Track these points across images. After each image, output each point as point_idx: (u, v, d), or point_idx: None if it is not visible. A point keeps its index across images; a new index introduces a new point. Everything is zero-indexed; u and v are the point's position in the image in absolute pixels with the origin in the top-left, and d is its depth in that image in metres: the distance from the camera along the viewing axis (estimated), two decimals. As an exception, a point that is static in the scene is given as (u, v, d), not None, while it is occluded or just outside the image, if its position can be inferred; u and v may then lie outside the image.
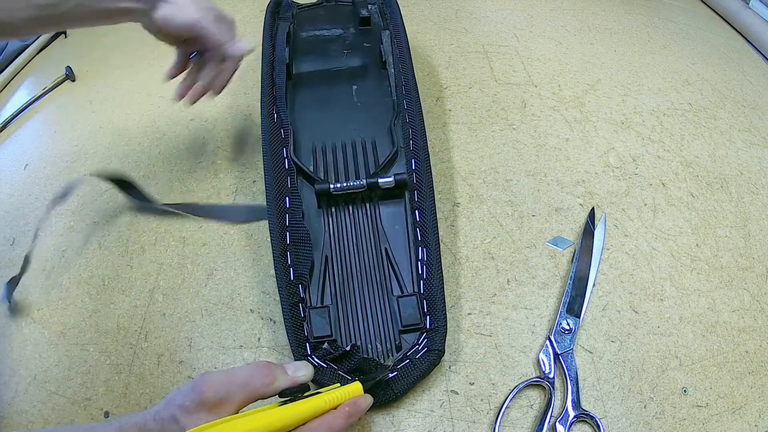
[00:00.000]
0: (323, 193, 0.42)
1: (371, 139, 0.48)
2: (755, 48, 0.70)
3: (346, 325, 0.38)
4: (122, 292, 0.43)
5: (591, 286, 0.41)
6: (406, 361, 0.36)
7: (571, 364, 0.37)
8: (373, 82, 0.52)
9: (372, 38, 0.56)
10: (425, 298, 0.39)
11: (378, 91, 0.52)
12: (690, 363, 0.38)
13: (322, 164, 0.46)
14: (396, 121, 0.48)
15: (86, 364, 0.39)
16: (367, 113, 0.50)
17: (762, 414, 0.36)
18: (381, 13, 0.59)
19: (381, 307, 0.39)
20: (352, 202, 0.44)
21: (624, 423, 0.35)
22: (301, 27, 0.55)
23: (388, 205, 0.44)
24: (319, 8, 0.59)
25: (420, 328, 0.38)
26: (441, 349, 0.36)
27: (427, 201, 0.43)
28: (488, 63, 0.62)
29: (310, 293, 0.39)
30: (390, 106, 0.50)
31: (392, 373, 0.35)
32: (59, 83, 0.64)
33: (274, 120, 0.47)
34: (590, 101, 0.58)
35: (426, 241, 0.41)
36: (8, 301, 0.43)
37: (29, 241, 0.47)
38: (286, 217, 0.42)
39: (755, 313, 0.41)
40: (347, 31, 0.56)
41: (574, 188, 0.49)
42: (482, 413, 0.35)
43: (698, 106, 0.58)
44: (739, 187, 0.50)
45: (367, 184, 0.42)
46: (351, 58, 0.54)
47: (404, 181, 0.43)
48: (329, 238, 0.42)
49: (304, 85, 0.52)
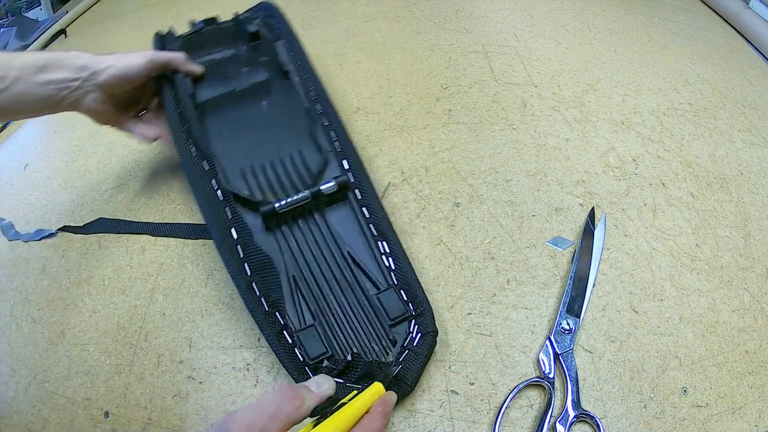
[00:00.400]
0: (270, 215, 0.41)
1: (297, 151, 0.47)
2: (755, 48, 0.70)
3: (336, 337, 0.38)
4: (122, 292, 0.43)
5: (591, 286, 0.41)
6: (406, 352, 0.36)
7: (571, 364, 0.37)
8: (280, 95, 0.51)
9: (266, 52, 0.54)
10: (402, 288, 0.39)
11: (288, 102, 0.50)
12: (690, 363, 0.38)
13: (256, 187, 0.44)
14: (315, 127, 0.47)
15: (86, 364, 0.39)
16: (285, 126, 0.49)
17: (762, 414, 0.36)
18: (268, 27, 0.57)
19: (363, 308, 0.39)
20: (300, 216, 0.43)
21: (624, 423, 0.35)
22: (192, 55, 0.52)
23: (336, 210, 0.43)
24: (202, 34, 0.56)
25: (407, 316, 0.38)
26: (434, 330, 0.37)
27: (371, 196, 0.43)
28: (488, 63, 0.62)
29: (289, 317, 0.38)
30: (304, 114, 0.49)
31: (398, 367, 0.35)
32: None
33: (193, 154, 0.44)
34: (590, 101, 0.58)
35: (383, 233, 0.41)
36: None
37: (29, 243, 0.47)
38: (238, 250, 0.40)
39: (755, 313, 0.41)
40: (239, 50, 0.54)
41: (574, 188, 0.49)
42: (482, 413, 0.35)
43: (698, 106, 0.58)
44: (739, 187, 0.50)
45: (311, 194, 0.42)
46: (251, 75, 0.52)
47: (345, 182, 0.43)
48: (290, 258, 0.41)
49: (213, 113, 0.49)
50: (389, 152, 0.52)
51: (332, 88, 0.59)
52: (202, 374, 0.38)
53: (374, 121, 0.55)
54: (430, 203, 0.48)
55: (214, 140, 0.47)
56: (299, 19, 0.71)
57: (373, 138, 0.54)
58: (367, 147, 0.53)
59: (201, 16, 0.59)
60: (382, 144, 0.53)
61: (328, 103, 0.49)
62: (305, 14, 0.72)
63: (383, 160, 0.51)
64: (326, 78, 0.61)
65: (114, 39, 0.73)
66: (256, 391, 0.37)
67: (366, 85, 0.60)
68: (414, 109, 0.57)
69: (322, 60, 0.64)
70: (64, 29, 0.77)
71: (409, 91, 0.59)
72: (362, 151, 0.52)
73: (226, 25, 0.56)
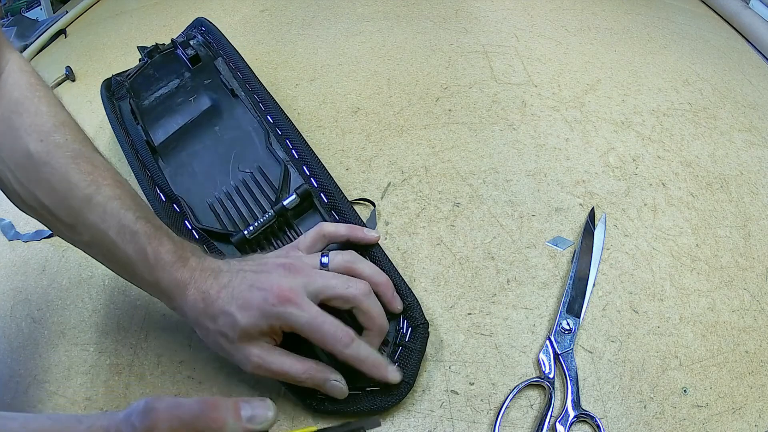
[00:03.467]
0: (241, 243, 0.41)
1: (257, 168, 0.47)
2: (755, 48, 0.70)
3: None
4: (122, 292, 0.43)
5: (591, 286, 0.41)
6: (400, 349, 0.36)
7: (571, 364, 0.37)
8: (230, 114, 0.51)
9: (209, 73, 0.54)
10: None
11: (239, 120, 0.50)
12: (690, 363, 0.38)
13: (225, 217, 0.44)
14: (270, 140, 0.48)
15: (86, 364, 0.39)
16: (241, 146, 0.48)
17: (762, 414, 0.36)
18: (207, 44, 0.57)
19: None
20: (273, 235, 0.43)
21: (624, 423, 0.35)
22: (140, 96, 0.52)
23: (305, 221, 0.44)
24: (148, 68, 0.55)
25: (395, 314, 0.38)
26: (424, 322, 0.37)
27: (338, 197, 0.43)
28: (488, 63, 0.62)
29: None
30: (258, 128, 0.49)
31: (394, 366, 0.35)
32: (59, 83, 0.64)
33: (162, 200, 0.44)
34: (590, 101, 0.58)
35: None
36: None
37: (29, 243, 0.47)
38: None
39: (755, 313, 0.41)
40: (183, 78, 0.54)
41: (574, 188, 0.49)
42: (482, 413, 0.35)
43: (698, 106, 0.58)
44: (739, 187, 0.50)
45: (275, 212, 0.42)
46: (199, 102, 0.52)
47: (306, 191, 0.43)
48: None
49: (170, 153, 0.49)
50: (389, 152, 0.52)
51: (332, 88, 0.60)
52: (202, 374, 0.38)
53: (374, 121, 0.55)
54: (430, 203, 0.48)
55: (178, 180, 0.47)
56: (299, 19, 0.71)
57: (373, 138, 0.54)
58: (367, 147, 0.53)
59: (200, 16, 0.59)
60: (382, 144, 0.53)
61: (278, 111, 0.50)
62: (305, 14, 0.72)
63: (383, 160, 0.51)
64: (326, 78, 0.61)
65: (114, 39, 0.73)
66: (255, 391, 0.37)
67: (366, 85, 0.60)
68: (414, 109, 0.57)
69: (322, 60, 0.64)
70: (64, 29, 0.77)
71: (409, 91, 0.59)
72: (362, 151, 0.52)
73: (169, 53, 0.55)
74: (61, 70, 0.65)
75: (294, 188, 0.43)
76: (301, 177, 0.45)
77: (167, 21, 0.75)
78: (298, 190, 0.43)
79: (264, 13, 0.73)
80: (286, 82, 0.60)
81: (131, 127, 0.49)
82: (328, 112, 0.56)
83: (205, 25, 0.58)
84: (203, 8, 0.76)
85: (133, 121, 0.50)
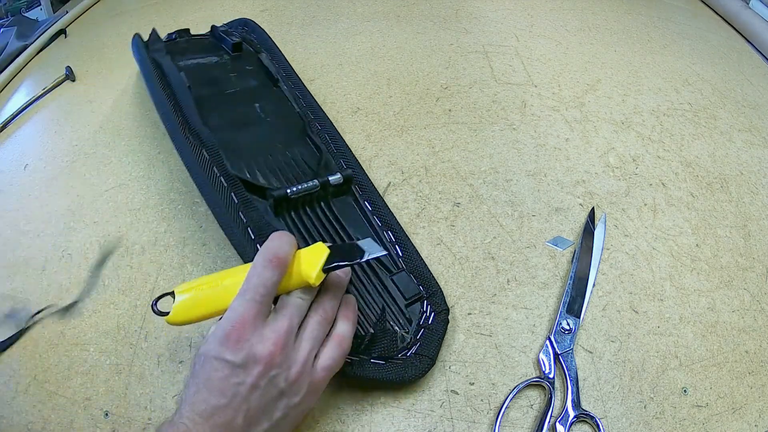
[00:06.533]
0: (281, 200, 0.42)
1: (296, 150, 0.48)
2: (755, 48, 0.70)
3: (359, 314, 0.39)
4: (122, 292, 0.43)
5: (591, 286, 0.41)
6: (423, 330, 0.38)
7: (571, 364, 0.37)
8: (272, 99, 0.52)
9: (249, 62, 0.55)
10: (412, 272, 0.41)
11: (280, 106, 0.51)
12: (690, 363, 0.38)
13: (261, 177, 0.44)
14: (310, 130, 0.49)
15: (86, 364, 0.39)
16: (280, 128, 0.49)
17: (762, 414, 0.36)
18: (248, 41, 0.58)
19: (378, 289, 0.40)
20: (309, 203, 0.44)
21: (624, 423, 0.35)
22: (176, 59, 0.52)
23: (340, 201, 0.44)
24: (181, 41, 0.56)
25: (421, 296, 0.39)
26: (446, 308, 0.39)
27: (372, 192, 0.45)
28: (488, 63, 0.62)
29: None
30: (297, 118, 0.50)
31: (416, 345, 0.37)
32: (59, 83, 0.64)
33: (191, 142, 0.44)
34: (590, 101, 0.58)
35: (388, 224, 0.43)
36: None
37: (29, 243, 0.47)
38: (249, 232, 0.39)
39: (755, 313, 0.41)
40: (222, 59, 0.55)
41: (574, 188, 0.49)
42: (482, 413, 0.35)
43: (698, 106, 0.58)
44: (739, 187, 0.50)
45: (320, 183, 0.43)
46: (240, 80, 0.53)
47: (350, 176, 0.44)
48: (301, 243, 0.41)
49: (209, 108, 0.49)
50: (389, 152, 0.52)
51: (332, 88, 0.60)
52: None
53: (374, 121, 0.55)
54: (430, 203, 0.48)
55: (214, 132, 0.46)
56: (299, 19, 0.71)
57: (373, 138, 0.54)
58: (367, 147, 0.53)
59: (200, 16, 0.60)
60: (382, 144, 0.53)
61: (319, 109, 0.51)
62: (305, 14, 0.72)
63: (383, 160, 0.51)
64: (326, 78, 0.61)
65: (114, 39, 0.73)
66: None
67: (366, 85, 0.60)
68: (414, 109, 0.57)
69: (322, 60, 0.64)
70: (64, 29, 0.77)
71: (409, 91, 0.59)
72: (362, 151, 0.52)
73: (203, 37, 0.57)
74: (61, 70, 0.64)
75: (337, 170, 0.44)
76: (338, 167, 0.46)
77: (167, 21, 0.75)
78: (343, 172, 0.44)
79: (264, 13, 0.73)
80: (286, 82, 0.60)
81: (172, 73, 0.48)
82: (328, 112, 0.56)
83: (249, 24, 0.59)
84: (203, 8, 0.76)
85: (175, 69, 0.50)
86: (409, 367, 0.36)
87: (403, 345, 0.37)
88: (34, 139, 0.58)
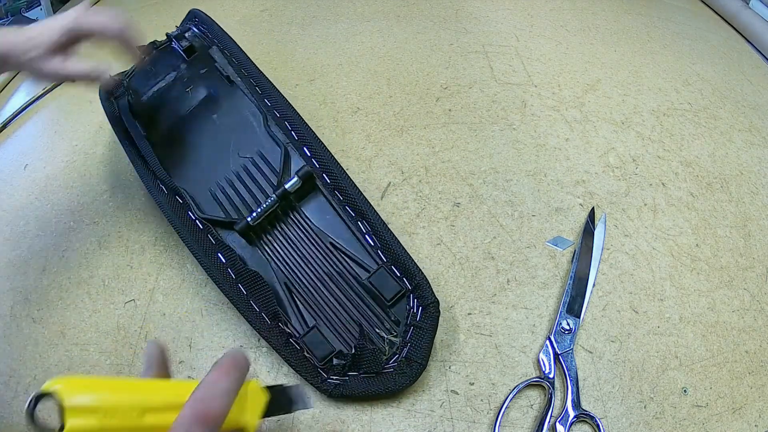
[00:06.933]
0: (245, 230, 0.41)
1: (257, 153, 0.46)
2: (755, 48, 0.70)
3: (340, 332, 0.38)
4: (122, 292, 0.43)
5: (591, 286, 0.41)
6: (411, 329, 0.37)
7: (571, 364, 0.37)
8: (228, 101, 0.50)
9: (204, 62, 0.53)
10: (392, 264, 0.39)
11: (237, 106, 0.49)
12: (690, 363, 0.38)
13: (228, 205, 0.44)
14: (269, 123, 0.47)
15: (86, 364, 0.39)
16: (240, 131, 0.48)
17: (762, 414, 0.36)
18: (201, 35, 0.56)
19: (359, 296, 0.39)
20: (276, 219, 0.43)
21: (624, 423, 0.35)
22: (138, 93, 0.52)
23: (309, 202, 0.43)
24: (141, 69, 0.55)
25: (404, 292, 0.38)
26: (434, 300, 0.37)
27: (341, 177, 0.43)
28: (488, 63, 0.62)
29: (292, 325, 0.38)
30: (256, 113, 0.48)
31: (405, 348, 0.36)
32: (59, 83, 0.64)
33: (165, 192, 0.44)
34: (590, 101, 0.58)
35: (360, 212, 0.41)
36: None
37: (29, 243, 0.47)
38: (229, 273, 0.40)
39: (755, 313, 0.41)
40: (180, 70, 0.53)
41: (574, 188, 0.49)
42: (482, 413, 0.35)
43: (698, 106, 0.58)
44: (739, 187, 0.50)
45: (278, 196, 0.42)
46: (196, 92, 0.51)
47: (308, 172, 0.42)
48: (277, 265, 0.41)
49: (169, 145, 0.49)
50: (389, 152, 0.52)
51: (332, 88, 0.60)
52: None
53: (374, 121, 0.55)
54: (430, 203, 0.48)
55: (179, 171, 0.46)
56: (299, 19, 0.71)
57: (373, 138, 0.54)
58: (367, 147, 0.53)
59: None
60: (382, 144, 0.53)
61: (276, 94, 0.48)
62: (305, 14, 0.72)
63: (383, 160, 0.51)
64: (326, 78, 0.61)
65: (114, 39, 0.73)
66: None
67: (366, 85, 0.60)
68: (414, 109, 0.57)
69: (322, 60, 0.64)
70: (64, 29, 0.77)
71: (409, 91, 0.59)
72: (362, 151, 0.52)
73: (164, 46, 0.55)
74: (61, 70, 0.65)
75: (295, 171, 0.43)
76: (303, 159, 0.44)
77: (167, 21, 0.75)
78: (299, 173, 0.42)
79: (264, 13, 0.73)
80: (286, 82, 0.60)
81: (130, 125, 0.49)
82: (328, 112, 0.56)
83: (198, 15, 0.57)
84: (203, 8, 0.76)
85: (132, 118, 0.50)
86: (399, 376, 0.35)
87: (392, 351, 0.36)
88: (34, 139, 0.58)
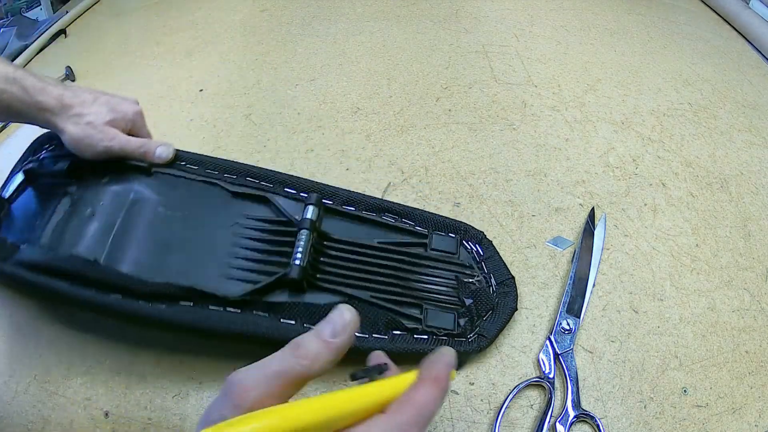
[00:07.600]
0: (301, 273, 0.36)
1: (242, 215, 0.40)
2: (755, 48, 0.70)
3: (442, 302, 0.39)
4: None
5: (591, 286, 0.41)
6: (483, 264, 0.39)
7: (571, 364, 0.37)
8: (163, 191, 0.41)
9: (101, 172, 0.41)
10: (434, 230, 0.41)
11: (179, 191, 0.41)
12: (690, 363, 0.38)
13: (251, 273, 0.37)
14: (230, 186, 0.41)
15: (86, 364, 0.39)
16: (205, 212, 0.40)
17: (762, 414, 0.36)
18: (66, 153, 0.42)
19: (431, 266, 0.40)
20: (318, 253, 0.38)
21: (624, 423, 0.35)
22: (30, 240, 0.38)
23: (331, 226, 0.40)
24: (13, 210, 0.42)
25: (459, 239, 0.41)
26: (509, 276, 0.40)
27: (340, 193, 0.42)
28: (488, 63, 0.62)
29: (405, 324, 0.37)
30: (211, 187, 0.41)
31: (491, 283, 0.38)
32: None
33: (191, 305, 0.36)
34: (590, 101, 0.58)
35: (377, 208, 0.42)
36: None
37: (29, 241, 0.47)
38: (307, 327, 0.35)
39: (755, 313, 0.41)
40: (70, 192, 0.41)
41: (574, 188, 0.49)
42: (482, 413, 0.35)
43: (698, 106, 0.58)
44: (739, 187, 0.50)
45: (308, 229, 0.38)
46: (114, 202, 0.40)
47: (318, 198, 0.40)
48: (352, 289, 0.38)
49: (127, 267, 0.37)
50: (389, 152, 0.52)
51: (332, 88, 0.60)
52: (202, 374, 0.38)
53: (374, 121, 0.55)
54: (430, 203, 0.48)
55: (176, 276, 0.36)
56: (299, 19, 0.71)
57: (373, 138, 0.54)
58: (367, 147, 0.53)
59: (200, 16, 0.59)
60: (382, 144, 0.53)
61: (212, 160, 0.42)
62: (305, 14, 0.72)
63: (383, 160, 0.51)
64: (326, 78, 0.61)
65: (114, 39, 0.73)
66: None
67: (366, 85, 0.60)
68: (414, 109, 0.57)
69: (322, 60, 0.64)
70: (64, 29, 0.77)
71: (409, 91, 0.59)
72: (362, 151, 0.52)
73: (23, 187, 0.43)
74: (61, 70, 0.64)
75: (305, 202, 0.40)
76: (291, 199, 0.41)
77: (167, 21, 0.75)
78: (309, 201, 0.39)
79: (264, 13, 0.73)
80: (286, 82, 0.60)
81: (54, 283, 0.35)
82: (328, 112, 0.56)
83: (55, 137, 0.43)
84: (203, 8, 0.76)
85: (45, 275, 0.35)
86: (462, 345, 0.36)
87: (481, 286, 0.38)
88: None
